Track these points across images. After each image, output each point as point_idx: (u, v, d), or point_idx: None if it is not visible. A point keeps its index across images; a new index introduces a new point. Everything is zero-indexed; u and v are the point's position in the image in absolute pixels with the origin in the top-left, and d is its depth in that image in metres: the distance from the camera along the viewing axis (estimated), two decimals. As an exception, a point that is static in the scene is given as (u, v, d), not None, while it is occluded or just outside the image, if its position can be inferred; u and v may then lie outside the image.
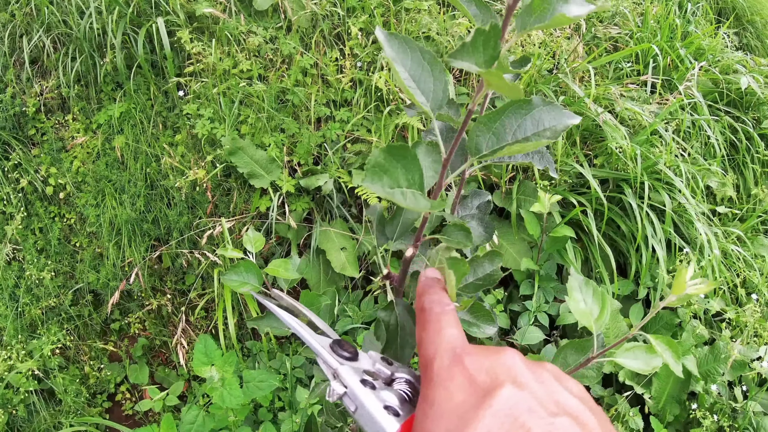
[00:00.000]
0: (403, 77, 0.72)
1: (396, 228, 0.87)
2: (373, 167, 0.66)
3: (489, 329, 0.89)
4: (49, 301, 2.83)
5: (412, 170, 0.71)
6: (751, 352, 2.49)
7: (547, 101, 0.75)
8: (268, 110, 2.57)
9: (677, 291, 0.79)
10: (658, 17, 3.32)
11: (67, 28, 2.97)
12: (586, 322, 0.87)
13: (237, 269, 1.34)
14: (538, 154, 0.95)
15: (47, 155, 2.97)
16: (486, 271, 0.85)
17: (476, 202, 1.17)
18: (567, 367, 0.95)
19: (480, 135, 0.73)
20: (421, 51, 0.74)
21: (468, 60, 0.57)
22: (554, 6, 0.64)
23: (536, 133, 0.74)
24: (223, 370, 2.11)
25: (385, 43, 0.73)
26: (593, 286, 0.91)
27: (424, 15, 2.73)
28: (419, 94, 0.72)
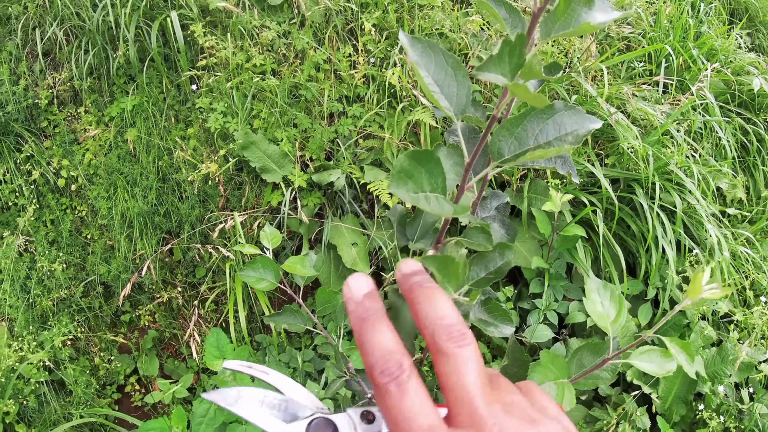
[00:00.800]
0: (427, 82, 0.72)
1: (417, 229, 0.88)
2: (399, 173, 0.67)
3: (506, 329, 0.90)
4: (60, 293, 2.85)
5: (436, 175, 0.72)
6: (759, 354, 2.50)
7: (569, 105, 0.76)
8: (280, 105, 2.58)
9: (693, 295, 0.80)
10: (671, 17, 3.31)
11: (80, 21, 2.98)
12: (602, 325, 0.88)
13: (254, 265, 1.35)
14: (561, 159, 0.95)
15: (59, 147, 2.99)
16: (497, 265, 0.86)
17: (495, 203, 1.17)
18: (582, 368, 0.96)
19: (502, 140, 0.73)
20: (444, 55, 0.74)
21: (495, 71, 0.58)
22: (579, 13, 0.64)
23: (558, 137, 0.74)
24: (234, 364, 2.13)
25: (409, 48, 0.74)
26: (611, 289, 0.92)
27: (437, 12, 2.73)
28: (443, 99, 0.73)
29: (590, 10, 0.65)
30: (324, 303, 1.27)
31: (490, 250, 0.86)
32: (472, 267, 0.87)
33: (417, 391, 0.43)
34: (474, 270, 0.87)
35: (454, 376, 0.43)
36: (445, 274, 0.71)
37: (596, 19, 0.64)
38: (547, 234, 2.43)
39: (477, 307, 0.90)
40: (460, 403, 0.43)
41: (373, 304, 0.47)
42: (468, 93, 0.75)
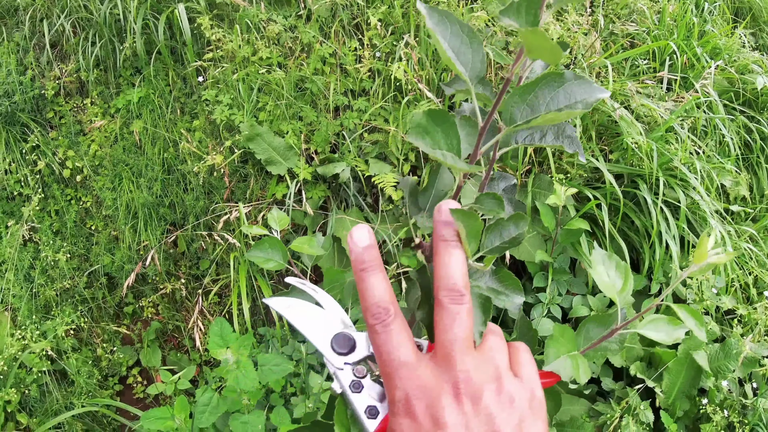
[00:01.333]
0: (445, 47, 0.74)
1: (429, 198, 0.89)
2: (417, 127, 0.68)
3: (517, 298, 0.90)
4: (63, 283, 2.86)
5: (451, 135, 0.73)
6: (762, 349, 2.50)
7: (578, 75, 0.77)
8: (286, 98, 2.59)
9: (699, 260, 0.81)
10: (675, 15, 3.32)
11: (87, 13, 2.99)
12: (610, 294, 0.88)
13: (262, 245, 1.36)
14: (568, 138, 0.96)
15: (65, 138, 3.00)
16: (512, 234, 0.87)
17: (503, 185, 1.18)
18: (590, 341, 0.96)
19: (515, 106, 0.74)
20: (459, 24, 0.75)
21: (513, 19, 0.60)
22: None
23: (569, 105, 0.75)
24: (239, 353, 2.13)
25: (427, 16, 0.75)
26: (616, 260, 0.92)
27: (443, 7, 2.74)
28: (459, 65, 0.74)
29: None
30: (332, 283, 1.28)
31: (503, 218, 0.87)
32: (487, 235, 0.88)
33: (399, 332, 0.52)
34: (489, 238, 0.88)
35: (442, 325, 0.52)
36: (470, 233, 0.72)
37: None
38: (551, 228, 2.43)
39: (488, 276, 0.90)
40: (441, 346, 0.51)
41: (371, 256, 0.56)
42: (483, 60, 0.76)
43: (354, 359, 0.60)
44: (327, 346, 0.61)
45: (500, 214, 0.83)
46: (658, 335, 0.89)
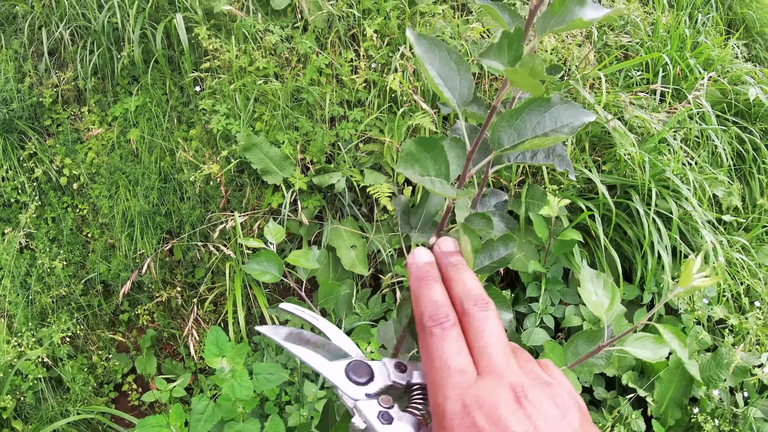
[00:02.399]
0: (432, 75, 0.76)
1: (420, 218, 0.91)
2: (407, 155, 0.70)
3: (506, 315, 0.93)
4: (59, 290, 2.87)
5: (440, 161, 0.75)
6: (753, 358, 2.52)
7: (565, 99, 0.79)
8: (282, 108, 2.61)
9: (684, 283, 0.83)
10: (668, 27, 3.36)
11: (85, 21, 3.01)
12: (597, 312, 0.91)
13: (258, 258, 1.38)
14: (559, 157, 0.98)
15: (62, 146, 3.02)
16: (501, 255, 0.89)
17: (494, 201, 1.21)
18: (578, 356, 0.99)
19: (502, 130, 0.77)
20: (447, 51, 0.78)
21: (495, 59, 0.62)
22: (572, 10, 0.68)
23: (555, 129, 0.78)
24: (234, 362, 2.15)
25: (416, 43, 0.78)
26: (604, 279, 0.95)
27: (438, 19, 2.77)
28: (447, 91, 0.76)
29: (582, 8, 0.68)
30: (326, 295, 1.30)
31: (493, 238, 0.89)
32: (477, 255, 0.90)
33: (457, 338, 0.50)
34: (479, 258, 0.90)
35: (476, 332, 0.50)
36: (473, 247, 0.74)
37: (588, 15, 0.68)
38: (545, 238, 2.46)
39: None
40: (481, 353, 0.49)
41: (432, 269, 0.58)
42: (470, 86, 0.79)
43: (375, 389, 0.54)
44: (341, 376, 0.55)
45: (490, 233, 0.85)
46: (644, 353, 0.92)
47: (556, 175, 2.65)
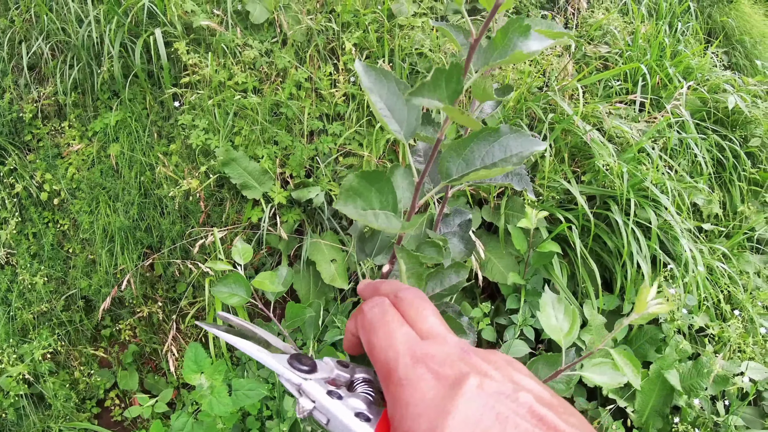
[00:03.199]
0: (378, 107, 0.76)
1: (375, 245, 0.91)
2: (347, 191, 0.70)
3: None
4: (41, 306, 2.86)
5: (386, 193, 0.75)
6: (734, 367, 2.53)
7: (514, 129, 0.80)
8: (261, 122, 2.62)
9: (639, 309, 0.83)
10: (648, 36, 3.38)
11: (65, 36, 3.01)
12: (556, 337, 0.91)
13: (226, 281, 1.38)
14: (517, 176, 0.99)
15: (43, 161, 3.01)
16: (452, 282, 0.90)
17: (458, 220, 1.21)
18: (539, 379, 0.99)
19: (450, 161, 0.77)
20: (396, 82, 0.78)
21: (430, 96, 0.61)
22: (514, 42, 0.68)
23: (503, 158, 0.78)
24: (213, 378, 2.14)
25: (363, 75, 0.78)
26: (564, 304, 0.95)
27: (417, 32, 2.78)
28: (393, 123, 0.76)
29: (526, 40, 0.68)
30: (293, 317, 1.30)
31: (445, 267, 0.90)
32: (428, 282, 0.90)
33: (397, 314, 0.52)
34: (430, 285, 0.90)
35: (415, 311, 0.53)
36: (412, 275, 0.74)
37: (530, 48, 0.68)
38: (523, 250, 2.46)
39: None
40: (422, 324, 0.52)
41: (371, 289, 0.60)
42: (418, 117, 0.79)
43: (318, 377, 0.54)
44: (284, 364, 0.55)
45: (440, 260, 0.86)
46: (602, 379, 0.92)
47: (535, 186, 2.66)
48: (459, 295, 2.61)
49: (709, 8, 3.97)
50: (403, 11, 2.78)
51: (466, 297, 2.68)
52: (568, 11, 3.32)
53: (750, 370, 2.53)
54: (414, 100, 0.61)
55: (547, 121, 2.69)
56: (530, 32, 0.70)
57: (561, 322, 0.94)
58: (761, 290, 3.04)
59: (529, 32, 0.70)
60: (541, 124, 2.72)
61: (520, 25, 0.69)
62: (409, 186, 0.89)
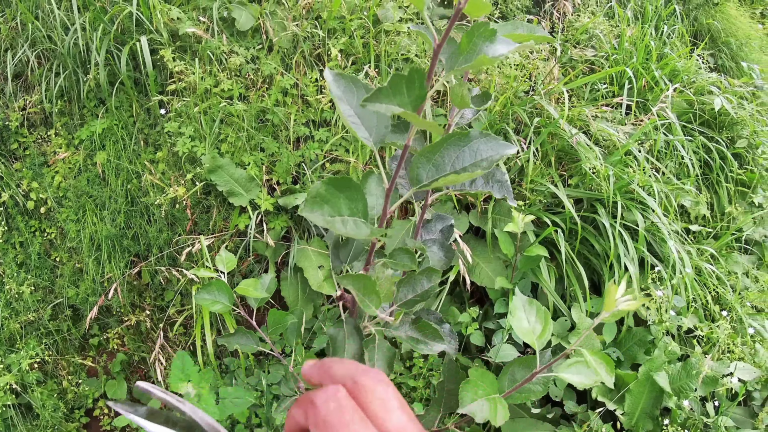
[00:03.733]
0: (347, 114, 0.76)
1: (349, 252, 0.91)
2: (314, 197, 0.70)
3: (437, 346, 0.93)
4: (28, 316, 2.84)
5: (356, 200, 0.75)
6: (723, 367, 2.54)
7: (484, 133, 0.80)
8: (248, 129, 2.61)
9: (608, 308, 0.84)
10: (634, 39, 3.39)
11: (51, 44, 3.00)
12: (528, 340, 0.91)
13: (209, 288, 1.37)
14: (498, 183, 0.99)
15: (29, 170, 2.99)
16: (424, 288, 0.90)
17: (439, 226, 1.21)
18: (515, 382, 0.99)
19: (420, 166, 0.77)
20: (366, 90, 0.78)
21: (388, 102, 0.61)
22: (480, 47, 0.68)
23: (474, 163, 0.78)
24: (200, 387, 2.14)
25: (333, 84, 0.78)
26: (537, 306, 0.95)
27: (403, 37, 2.78)
28: (362, 130, 0.76)
29: (492, 44, 0.68)
30: (275, 324, 1.29)
31: (417, 272, 0.90)
32: (400, 288, 0.90)
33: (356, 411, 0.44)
34: (402, 291, 0.90)
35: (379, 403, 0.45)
36: (366, 292, 0.74)
37: (496, 52, 0.68)
38: (510, 255, 2.47)
39: (408, 326, 0.93)
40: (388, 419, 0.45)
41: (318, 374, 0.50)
42: (387, 124, 0.79)
43: None
44: None
45: (413, 268, 0.86)
46: (579, 378, 0.92)
47: (523, 191, 2.66)
48: (447, 300, 2.61)
49: (695, 11, 3.99)
50: (389, 17, 2.78)
51: (455, 302, 2.68)
52: (554, 15, 3.34)
53: (739, 370, 2.54)
54: (370, 106, 0.61)
55: (533, 125, 2.70)
56: (496, 36, 0.70)
57: (533, 324, 0.94)
58: (750, 290, 3.05)
59: (495, 36, 0.70)
60: (527, 128, 2.73)
61: (486, 30, 0.69)
62: (383, 192, 0.89)
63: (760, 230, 3.32)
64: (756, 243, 3.32)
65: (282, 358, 1.25)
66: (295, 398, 1.34)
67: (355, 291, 0.72)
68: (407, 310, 0.89)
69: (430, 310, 1.09)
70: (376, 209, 0.88)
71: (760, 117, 3.51)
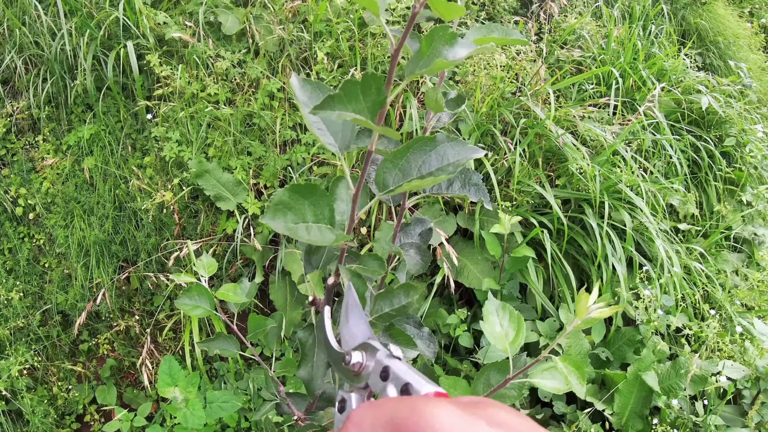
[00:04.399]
0: (312, 120, 0.76)
1: (321, 257, 0.91)
2: (276, 205, 0.70)
3: (409, 352, 0.93)
4: (17, 322, 2.84)
5: (321, 206, 0.75)
6: (712, 366, 2.54)
7: (451, 137, 0.80)
8: (234, 134, 2.61)
9: (580, 315, 0.84)
10: (621, 40, 3.40)
11: (38, 50, 3.00)
12: (501, 345, 0.91)
13: (189, 293, 1.37)
14: (475, 186, 0.99)
15: (17, 176, 2.99)
16: (401, 303, 0.89)
17: (418, 230, 1.21)
18: (490, 387, 0.99)
19: (387, 172, 0.77)
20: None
21: (341, 109, 0.61)
22: (439, 50, 0.68)
23: (440, 167, 0.78)
24: (187, 391, 2.14)
25: (298, 89, 0.78)
26: (510, 310, 0.95)
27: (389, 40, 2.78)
28: (327, 136, 0.76)
29: (451, 47, 0.68)
30: (255, 328, 1.29)
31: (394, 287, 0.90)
32: (377, 302, 0.90)
33: None
34: (379, 304, 0.90)
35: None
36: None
37: (456, 55, 0.68)
38: (498, 256, 2.47)
39: (380, 334, 0.93)
40: None
41: None
42: (353, 130, 0.79)
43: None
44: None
45: (381, 274, 0.86)
46: (552, 384, 0.92)
47: (510, 192, 2.66)
48: (435, 301, 2.61)
49: (682, 10, 4.00)
50: (375, 20, 2.78)
51: (443, 303, 2.68)
52: (541, 16, 3.34)
53: (728, 368, 2.54)
54: (321, 114, 0.60)
55: (520, 126, 2.71)
56: (455, 39, 0.70)
57: (507, 328, 0.94)
58: (739, 288, 3.05)
59: (455, 40, 0.70)
60: (513, 129, 2.73)
61: (444, 33, 0.70)
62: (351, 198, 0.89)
63: (749, 228, 3.32)
64: (745, 241, 3.32)
65: (262, 362, 1.25)
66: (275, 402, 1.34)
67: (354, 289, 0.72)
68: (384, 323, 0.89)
69: (409, 314, 1.10)
70: (346, 214, 0.88)
71: (748, 115, 3.52)
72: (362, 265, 0.84)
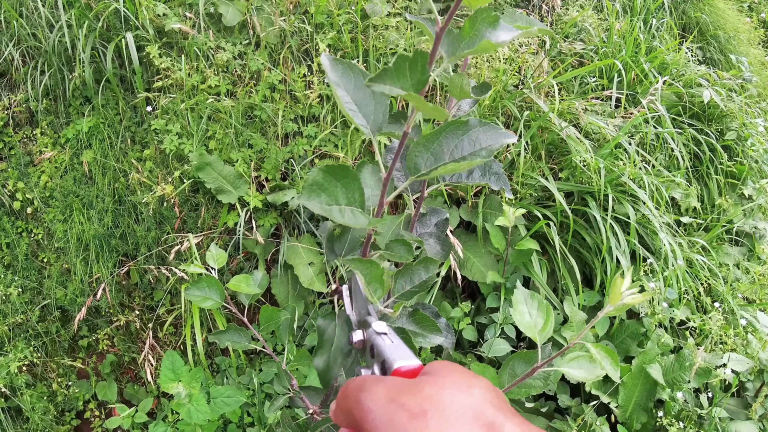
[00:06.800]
0: (345, 101, 0.74)
1: (344, 245, 0.89)
2: (311, 185, 0.68)
3: (435, 338, 0.91)
4: (16, 318, 2.80)
5: (352, 189, 0.73)
6: (716, 359, 2.54)
7: (483, 122, 0.78)
8: (235, 126, 2.59)
9: (614, 301, 0.82)
10: (623, 33, 3.39)
11: (36, 42, 2.96)
12: (530, 334, 0.90)
13: (200, 284, 1.35)
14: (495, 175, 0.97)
15: (15, 170, 2.95)
16: (422, 278, 0.88)
17: (434, 220, 1.19)
18: (515, 377, 0.97)
19: (418, 155, 0.75)
20: (363, 75, 0.76)
21: (392, 84, 0.60)
22: (482, 32, 0.66)
23: (473, 152, 0.76)
24: (190, 386, 2.11)
25: (330, 69, 0.76)
26: (538, 300, 0.94)
27: (391, 32, 2.76)
28: (360, 117, 0.74)
29: (495, 30, 0.67)
30: (267, 320, 1.27)
31: (414, 263, 0.88)
32: (398, 280, 0.89)
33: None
34: (400, 283, 0.88)
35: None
36: (371, 279, 0.72)
37: (498, 38, 0.66)
38: (502, 249, 2.45)
39: (405, 319, 0.91)
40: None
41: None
42: (385, 111, 0.77)
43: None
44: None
45: (409, 260, 0.84)
46: (579, 373, 0.90)
47: (513, 184, 2.65)
48: (438, 295, 2.59)
49: (683, 4, 3.99)
50: (377, 11, 2.76)
51: (447, 297, 2.66)
52: (543, 9, 3.33)
53: (732, 361, 2.54)
54: (375, 87, 0.59)
55: (523, 119, 2.69)
56: (499, 22, 0.68)
57: (535, 318, 0.93)
58: (741, 282, 3.06)
59: (498, 22, 0.68)
60: (516, 122, 2.71)
61: (488, 15, 0.68)
62: (378, 183, 0.87)
63: (750, 222, 3.32)
64: (746, 234, 3.33)
65: (274, 355, 1.23)
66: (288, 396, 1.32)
67: (362, 276, 0.70)
68: (405, 301, 0.87)
69: (426, 304, 1.08)
70: (371, 200, 0.86)
71: (748, 109, 3.52)
72: (389, 251, 0.82)
